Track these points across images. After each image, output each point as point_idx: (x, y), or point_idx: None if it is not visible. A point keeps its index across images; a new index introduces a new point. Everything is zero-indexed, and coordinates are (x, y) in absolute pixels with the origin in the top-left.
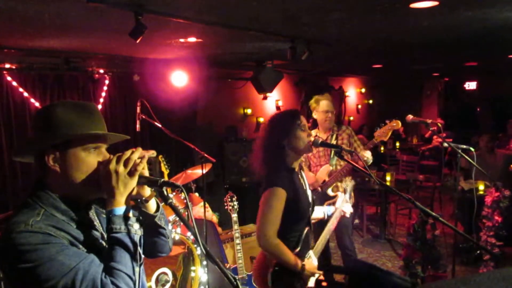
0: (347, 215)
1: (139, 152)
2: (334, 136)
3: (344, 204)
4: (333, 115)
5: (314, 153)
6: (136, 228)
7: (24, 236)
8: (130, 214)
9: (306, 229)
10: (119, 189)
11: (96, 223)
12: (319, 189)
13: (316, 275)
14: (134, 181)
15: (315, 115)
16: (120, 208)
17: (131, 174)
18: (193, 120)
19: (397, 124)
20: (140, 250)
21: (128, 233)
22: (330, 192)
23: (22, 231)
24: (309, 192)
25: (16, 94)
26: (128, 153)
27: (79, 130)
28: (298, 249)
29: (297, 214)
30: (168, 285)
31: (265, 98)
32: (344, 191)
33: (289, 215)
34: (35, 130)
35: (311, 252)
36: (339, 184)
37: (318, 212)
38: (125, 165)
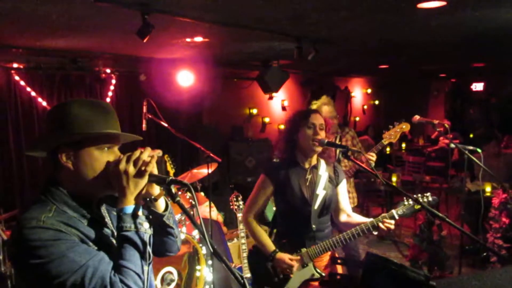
0: (386, 228)
1: (148, 151)
2: (338, 138)
3: (383, 218)
4: (336, 119)
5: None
6: (146, 227)
7: (35, 232)
8: (140, 213)
9: (306, 227)
10: (129, 188)
11: (107, 220)
12: None
13: (305, 270)
14: (144, 180)
15: None
16: (130, 207)
17: (141, 173)
18: (199, 120)
19: (406, 126)
20: (149, 249)
21: (138, 231)
22: None
23: (34, 226)
24: (319, 191)
25: (24, 93)
26: (137, 152)
27: (94, 129)
28: (288, 240)
29: (287, 207)
30: (174, 284)
31: (271, 98)
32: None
33: (281, 205)
34: (49, 126)
35: (303, 250)
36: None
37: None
38: (135, 164)
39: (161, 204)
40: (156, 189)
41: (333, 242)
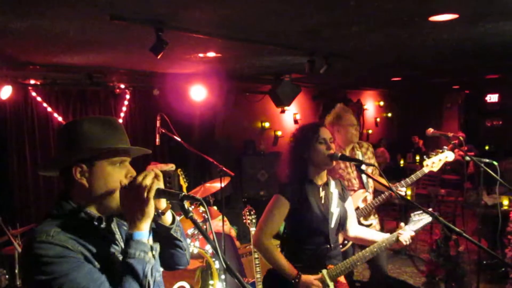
0: (405, 241)
1: (151, 175)
2: (360, 155)
3: (405, 231)
4: (357, 131)
5: (344, 175)
6: (150, 257)
7: (43, 247)
8: (146, 241)
9: (325, 246)
10: (137, 217)
11: (117, 236)
12: None
13: None
14: (150, 207)
15: (337, 130)
16: (139, 233)
17: (145, 203)
18: (212, 134)
19: (450, 156)
20: (149, 279)
21: (140, 260)
22: (362, 220)
23: (42, 241)
24: (333, 209)
25: (40, 109)
26: (139, 178)
27: (105, 145)
28: (304, 263)
29: (306, 227)
30: None
31: (283, 111)
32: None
33: (297, 226)
34: (61, 145)
35: (324, 271)
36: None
37: (378, 236)
38: (137, 194)
39: (168, 217)
40: (163, 203)
41: (354, 261)
